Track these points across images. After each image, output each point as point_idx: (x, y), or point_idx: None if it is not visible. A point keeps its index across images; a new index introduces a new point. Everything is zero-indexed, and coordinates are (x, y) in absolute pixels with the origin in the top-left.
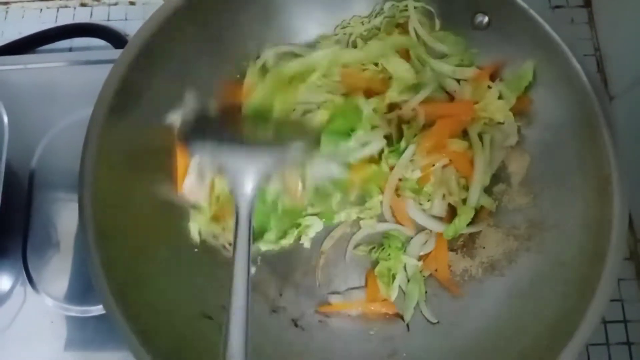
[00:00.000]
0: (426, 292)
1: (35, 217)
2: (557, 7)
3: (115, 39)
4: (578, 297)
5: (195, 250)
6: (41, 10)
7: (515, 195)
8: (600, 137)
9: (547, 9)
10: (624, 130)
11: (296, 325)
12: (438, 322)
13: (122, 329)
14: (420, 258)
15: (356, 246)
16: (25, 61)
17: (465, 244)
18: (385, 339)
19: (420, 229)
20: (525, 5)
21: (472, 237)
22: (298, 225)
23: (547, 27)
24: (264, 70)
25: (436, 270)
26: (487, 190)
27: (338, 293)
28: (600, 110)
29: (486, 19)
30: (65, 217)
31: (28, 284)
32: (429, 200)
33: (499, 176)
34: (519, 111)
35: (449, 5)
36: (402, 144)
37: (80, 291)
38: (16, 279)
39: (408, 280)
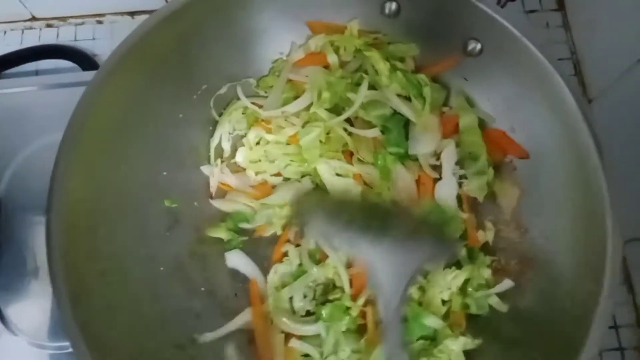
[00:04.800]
0: None
1: (5, 246)
2: (531, 11)
3: (83, 59)
4: (569, 340)
5: (162, 268)
6: (5, 32)
7: (505, 229)
8: (592, 167)
9: (521, 13)
10: (602, 132)
11: None
12: None
13: None
14: None
15: None
16: None
17: None
18: None
19: None
20: (517, 33)
21: None
22: None
23: (541, 56)
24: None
25: None
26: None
27: None
28: (590, 137)
29: (479, 45)
30: (37, 245)
31: None
32: None
33: (488, 210)
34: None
35: (440, 33)
36: None
37: (57, 325)
38: None
39: None
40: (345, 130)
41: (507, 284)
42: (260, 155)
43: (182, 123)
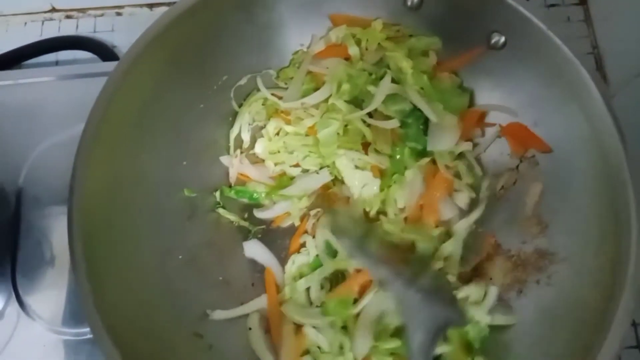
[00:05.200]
0: None
1: (24, 236)
2: (552, 5)
3: (103, 50)
4: (589, 337)
5: (180, 257)
6: (25, 23)
7: (526, 224)
8: (616, 162)
9: (542, 7)
10: (624, 127)
11: None
12: None
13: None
14: None
15: None
16: (11, 76)
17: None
18: None
19: None
20: (542, 26)
21: (480, 267)
22: None
23: (566, 49)
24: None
25: None
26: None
27: None
28: (616, 132)
29: (503, 38)
30: (56, 235)
31: (19, 308)
32: None
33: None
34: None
35: (463, 26)
36: None
37: (75, 312)
38: (6, 303)
39: None
40: (364, 122)
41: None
42: (279, 146)
43: (202, 113)
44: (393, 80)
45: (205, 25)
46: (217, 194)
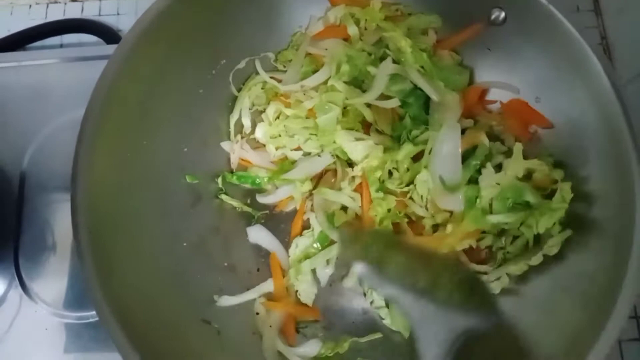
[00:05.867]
0: None
1: (27, 220)
2: None
3: (107, 34)
4: (597, 310)
5: (185, 244)
6: (30, 6)
7: None
8: (622, 142)
9: None
10: (633, 118)
11: None
12: None
13: (121, 343)
14: None
15: None
16: (15, 58)
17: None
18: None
19: None
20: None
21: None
22: None
23: (570, 26)
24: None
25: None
26: None
27: None
28: (618, 105)
29: (503, 14)
30: (59, 219)
31: (21, 291)
32: None
33: None
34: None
35: (463, 2)
36: None
37: (77, 297)
38: (8, 286)
39: None
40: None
41: None
42: (280, 130)
43: (202, 99)
44: (393, 61)
45: (203, 8)
46: (219, 180)
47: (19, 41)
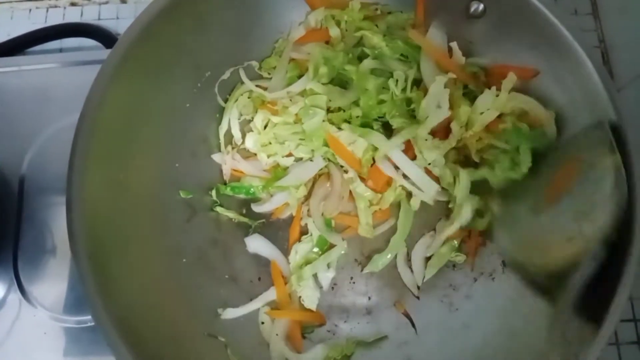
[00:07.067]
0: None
1: (27, 224)
2: None
3: (107, 38)
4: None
5: (184, 260)
6: (30, 10)
7: None
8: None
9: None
10: (631, 121)
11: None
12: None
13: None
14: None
15: None
16: (15, 63)
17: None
18: (399, 344)
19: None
20: None
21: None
22: None
23: (549, 14)
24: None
25: None
26: None
27: None
28: (604, 91)
29: (481, 6)
30: (58, 223)
31: (20, 295)
32: None
33: None
34: None
35: None
36: None
37: (76, 301)
38: (8, 290)
39: None
40: None
41: None
42: (270, 138)
43: (190, 113)
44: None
45: (185, 19)
46: (213, 192)
47: (18, 45)
